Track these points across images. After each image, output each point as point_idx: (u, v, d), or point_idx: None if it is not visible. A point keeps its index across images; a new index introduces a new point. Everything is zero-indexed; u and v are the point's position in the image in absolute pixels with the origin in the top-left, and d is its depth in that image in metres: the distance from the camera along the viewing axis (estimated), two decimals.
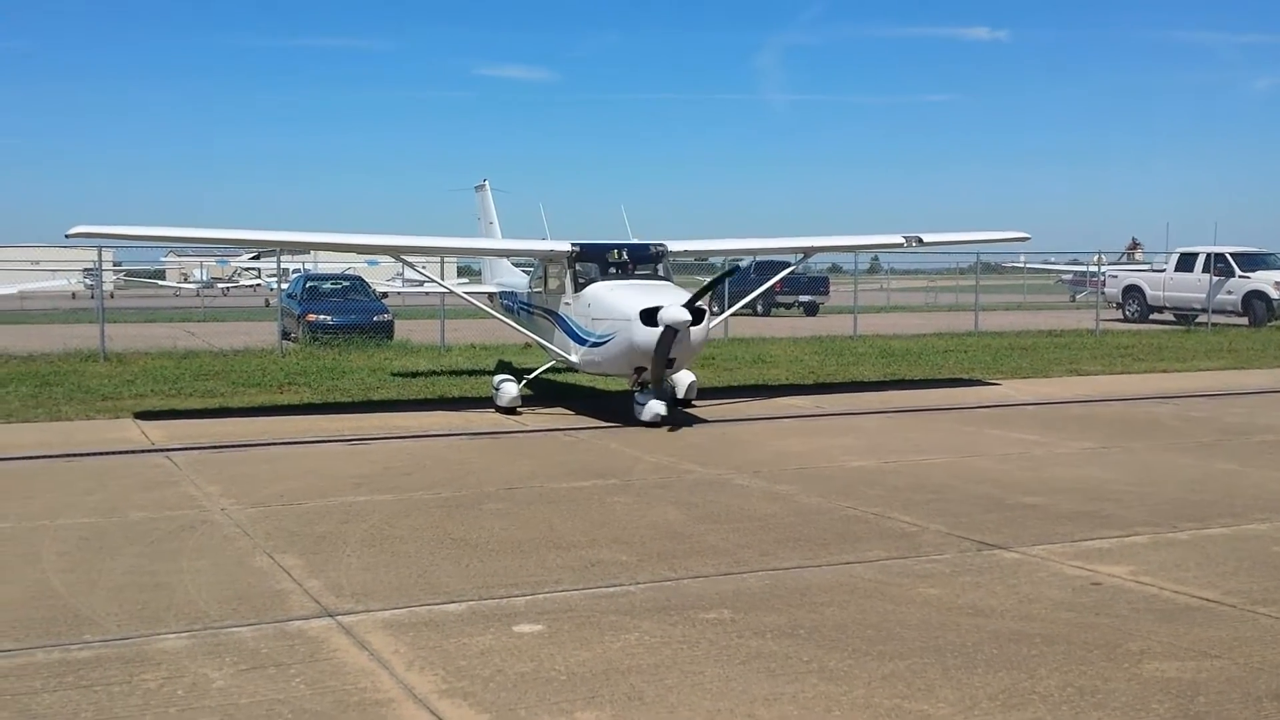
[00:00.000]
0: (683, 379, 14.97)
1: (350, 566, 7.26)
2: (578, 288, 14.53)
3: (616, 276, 14.53)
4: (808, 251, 18.51)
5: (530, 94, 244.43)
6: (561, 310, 14.90)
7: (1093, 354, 23.24)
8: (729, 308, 20.59)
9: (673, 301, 13.30)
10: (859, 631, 5.91)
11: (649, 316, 13.22)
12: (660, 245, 15.17)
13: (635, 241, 15.36)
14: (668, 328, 13.01)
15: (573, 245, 14.89)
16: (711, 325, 14.67)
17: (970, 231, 19.78)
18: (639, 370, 13.69)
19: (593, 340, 14.07)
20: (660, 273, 14.87)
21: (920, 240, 17.46)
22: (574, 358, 14.61)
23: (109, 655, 5.62)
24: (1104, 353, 23.51)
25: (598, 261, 14.76)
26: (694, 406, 14.88)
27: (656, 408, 13.38)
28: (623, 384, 15.08)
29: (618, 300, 13.76)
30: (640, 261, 14.86)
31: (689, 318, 13.13)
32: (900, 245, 17.67)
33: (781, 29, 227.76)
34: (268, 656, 5.59)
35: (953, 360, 21.84)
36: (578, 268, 14.72)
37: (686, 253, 17.23)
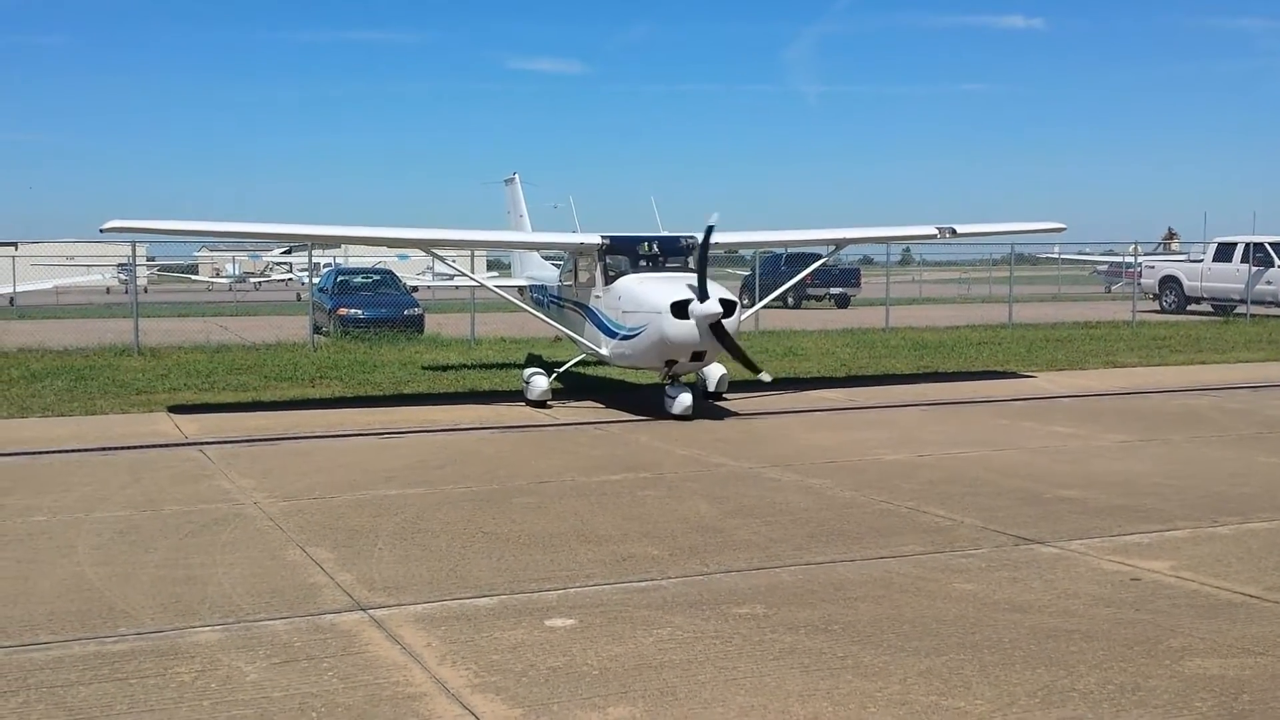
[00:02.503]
0: (713, 372, 14.91)
1: (382, 560, 7.26)
2: (608, 280, 14.49)
3: (647, 269, 14.48)
4: (840, 243, 18.34)
5: (561, 87, 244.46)
6: (591, 303, 14.86)
7: (1129, 345, 22.98)
8: (759, 300, 20.45)
9: (705, 295, 13.19)
10: (894, 627, 5.84)
11: (680, 309, 13.17)
12: (691, 238, 15.06)
13: (666, 234, 15.29)
14: (717, 322, 12.98)
15: (603, 238, 14.85)
16: (743, 318, 14.58)
17: (1004, 222, 19.54)
18: (670, 363, 13.63)
19: (623, 333, 14.02)
20: (691, 265, 14.76)
21: (954, 231, 17.28)
22: (604, 350, 14.58)
23: (143, 648, 5.64)
24: (1141, 344, 23.25)
25: (628, 254, 14.71)
26: (725, 400, 14.82)
27: (687, 401, 13.33)
28: (653, 377, 15.04)
29: (648, 293, 13.69)
30: (671, 254, 14.78)
31: (720, 310, 13.06)
32: (934, 237, 17.51)
33: (813, 19, 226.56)
34: (300, 650, 5.60)
35: (986, 353, 21.65)
36: (608, 260, 14.67)
37: (717, 244, 17.12)
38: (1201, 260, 34.94)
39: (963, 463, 10.52)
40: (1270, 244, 32.69)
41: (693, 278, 14.00)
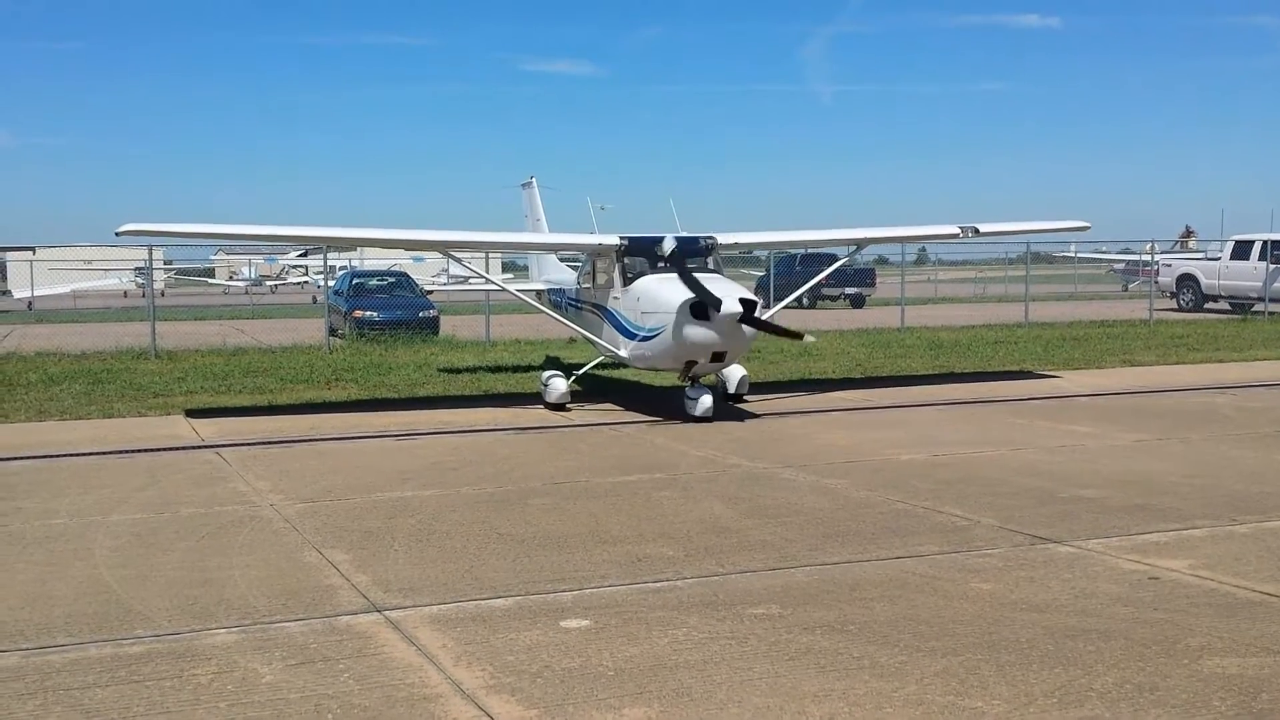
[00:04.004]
0: (733, 374, 14.77)
1: (398, 561, 7.27)
2: (626, 281, 14.38)
3: (665, 270, 14.31)
4: (860, 243, 18.07)
5: (576, 88, 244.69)
6: (610, 305, 14.76)
7: (1146, 344, 22.87)
8: (773, 301, 20.33)
9: (725, 294, 13.03)
10: (911, 627, 5.82)
11: (699, 310, 13.06)
12: (710, 238, 14.94)
13: (685, 234, 15.14)
14: (746, 315, 12.84)
15: (621, 239, 14.74)
16: (765, 318, 14.41)
17: (1027, 221, 19.25)
18: (689, 364, 13.51)
19: (642, 334, 13.90)
20: (710, 265, 14.58)
21: (977, 231, 17.00)
22: (623, 352, 14.47)
23: (161, 650, 5.66)
24: (1158, 343, 23.13)
25: (646, 255, 14.53)
26: (745, 401, 14.73)
27: (708, 402, 13.25)
28: (672, 379, 14.98)
29: (667, 293, 13.55)
30: (690, 254, 14.51)
31: (740, 310, 12.90)
32: (956, 236, 17.25)
33: (827, 19, 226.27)
34: (316, 651, 5.61)
35: (1003, 352, 21.58)
36: (626, 261, 14.56)
37: (737, 245, 16.93)
38: (1219, 258, 34.74)
39: (979, 462, 10.48)
40: None
41: (713, 278, 13.72)
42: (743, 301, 13.01)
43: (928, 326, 27.61)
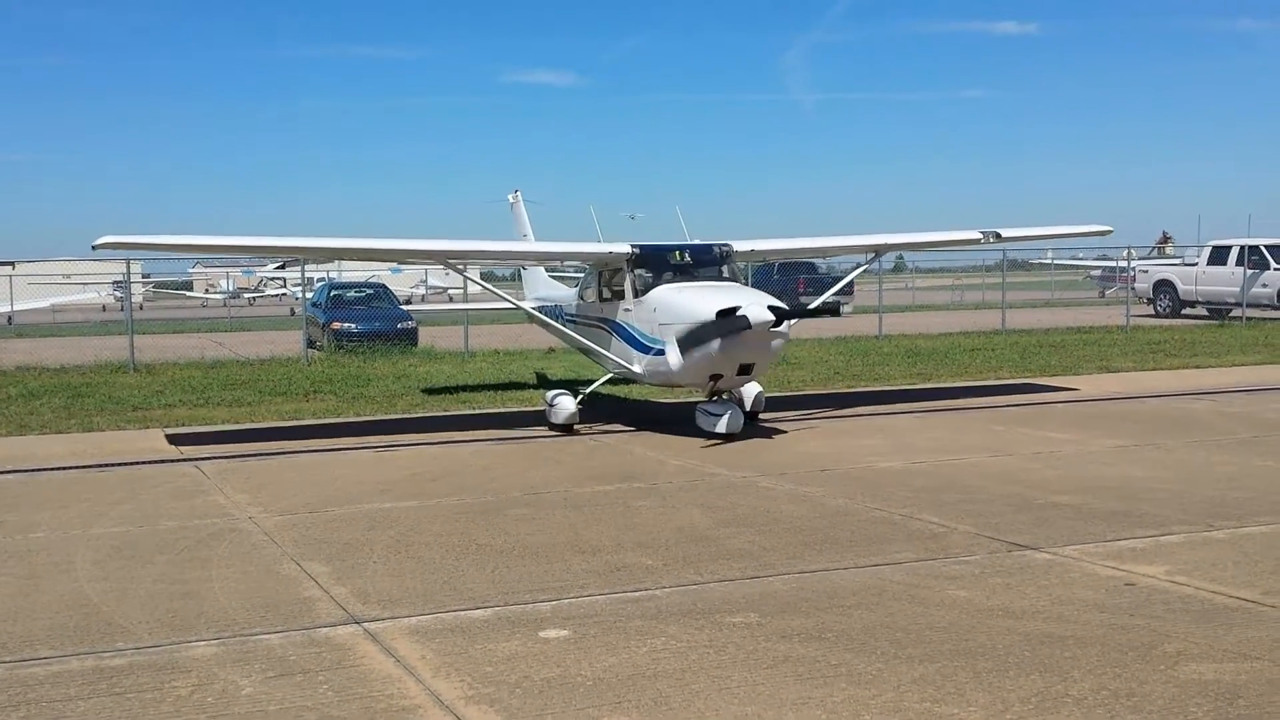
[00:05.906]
0: (749, 390, 13.98)
1: (376, 573, 7.27)
2: (638, 292, 13.61)
3: (679, 279, 13.61)
4: (879, 250, 17.53)
5: (558, 99, 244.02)
6: (620, 317, 13.97)
7: (1123, 350, 23.02)
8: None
9: (752, 301, 12.45)
10: (888, 634, 5.86)
11: (727, 318, 12.27)
12: (725, 245, 14.29)
13: (698, 242, 14.54)
14: (783, 310, 12.34)
15: (632, 247, 13.96)
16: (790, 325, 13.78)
17: (1050, 226, 18.97)
18: (714, 378, 12.80)
19: (659, 347, 13.11)
20: (725, 274, 14.00)
21: (998, 235, 16.62)
22: (637, 368, 13.63)
23: (141, 663, 5.65)
24: (1135, 349, 23.28)
25: (659, 264, 13.84)
26: (761, 421, 13.94)
27: (738, 418, 12.51)
28: (680, 393, 14.53)
29: (689, 302, 12.81)
30: (704, 263, 13.98)
31: (771, 318, 12.28)
32: (977, 241, 16.82)
33: (807, 28, 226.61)
34: (296, 664, 5.61)
35: (980, 359, 21.68)
36: (637, 271, 13.82)
37: (753, 253, 16.31)
38: (1196, 264, 34.96)
39: (957, 469, 10.54)
40: (1265, 246, 32.68)
41: (732, 287, 13.24)
42: (773, 309, 12.40)
43: (906, 334, 27.69)
